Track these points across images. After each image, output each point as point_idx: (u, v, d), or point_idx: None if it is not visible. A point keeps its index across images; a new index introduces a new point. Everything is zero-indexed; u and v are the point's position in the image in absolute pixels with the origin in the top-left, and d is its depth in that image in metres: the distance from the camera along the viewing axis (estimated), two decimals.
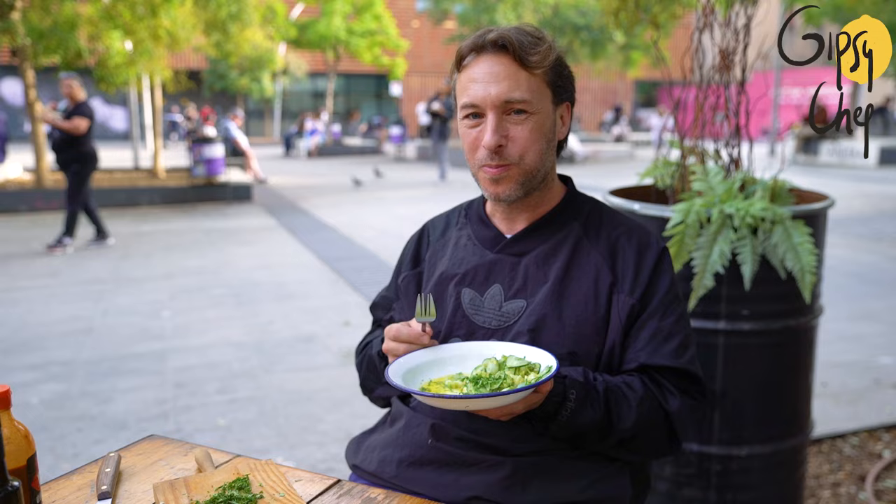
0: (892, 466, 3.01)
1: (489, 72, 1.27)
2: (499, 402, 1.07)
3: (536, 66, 1.27)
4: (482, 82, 1.27)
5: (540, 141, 1.30)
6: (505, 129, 1.27)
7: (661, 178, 2.50)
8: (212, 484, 1.08)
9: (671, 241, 2.11)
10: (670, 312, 1.31)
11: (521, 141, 1.28)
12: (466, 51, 1.31)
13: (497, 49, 1.28)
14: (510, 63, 1.27)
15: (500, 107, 1.27)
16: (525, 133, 1.28)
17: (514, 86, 1.26)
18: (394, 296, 1.51)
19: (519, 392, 1.05)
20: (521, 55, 1.26)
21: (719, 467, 2.26)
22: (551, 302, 1.31)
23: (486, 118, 1.28)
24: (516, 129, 1.28)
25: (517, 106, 1.27)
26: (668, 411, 1.27)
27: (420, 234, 1.52)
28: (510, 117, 1.28)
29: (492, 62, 1.28)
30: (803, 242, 2.05)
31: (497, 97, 1.26)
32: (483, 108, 1.28)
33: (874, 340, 4.58)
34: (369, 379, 1.48)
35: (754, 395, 2.24)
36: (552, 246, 1.36)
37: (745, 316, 2.16)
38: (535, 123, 1.29)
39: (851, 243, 7.85)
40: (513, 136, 1.28)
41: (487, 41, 1.28)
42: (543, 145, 1.31)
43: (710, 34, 2.41)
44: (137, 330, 4.91)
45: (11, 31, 10.62)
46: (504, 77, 1.26)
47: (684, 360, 1.29)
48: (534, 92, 1.28)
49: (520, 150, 1.28)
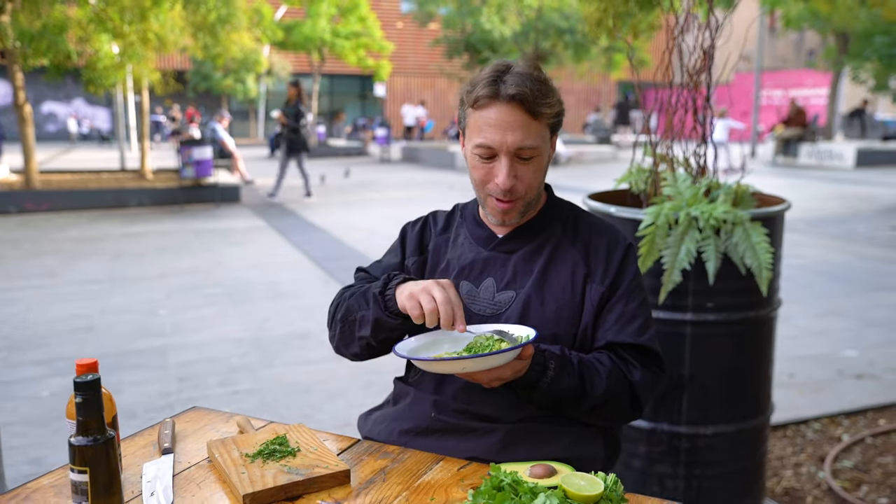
0: (850, 449, 3.27)
1: (505, 120, 1.44)
2: (489, 363, 1.27)
3: (544, 117, 1.46)
4: (498, 128, 1.44)
5: (540, 175, 1.51)
6: (515, 170, 1.47)
7: (636, 184, 2.74)
8: (256, 441, 1.30)
9: (643, 240, 2.34)
10: (633, 298, 1.54)
11: (528, 179, 1.49)
12: (483, 94, 1.45)
13: (512, 99, 1.43)
14: (523, 114, 1.44)
15: (513, 152, 1.46)
16: (531, 172, 1.49)
17: (526, 135, 1.45)
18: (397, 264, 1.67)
19: (506, 352, 1.26)
20: (533, 108, 1.44)
21: (688, 445, 2.50)
22: (536, 292, 1.54)
23: (500, 160, 1.46)
24: (524, 170, 1.48)
25: (526, 153, 1.46)
26: (631, 382, 1.50)
27: (424, 223, 1.71)
28: (519, 161, 1.47)
29: (507, 111, 1.44)
30: (760, 242, 2.29)
31: (512, 145, 1.44)
32: (498, 151, 1.45)
33: (840, 335, 4.85)
34: (361, 304, 1.53)
35: (719, 379, 2.48)
36: (537, 245, 1.59)
37: (709, 308, 2.40)
38: (538, 163, 1.49)
39: (825, 243, 8.15)
40: (521, 176, 1.48)
41: (504, 94, 1.43)
42: (542, 177, 1.53)
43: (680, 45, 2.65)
44: (137, 327, 5.09)
45: (1, 33, 10.73)
46: (518, 127, 1.44)
47: (645, 339, 1.52)
48: (540, 137, 1.48)
49: (526, 187, 1.49)
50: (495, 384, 1.39)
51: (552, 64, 23.12)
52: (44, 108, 31.08)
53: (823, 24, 16.25)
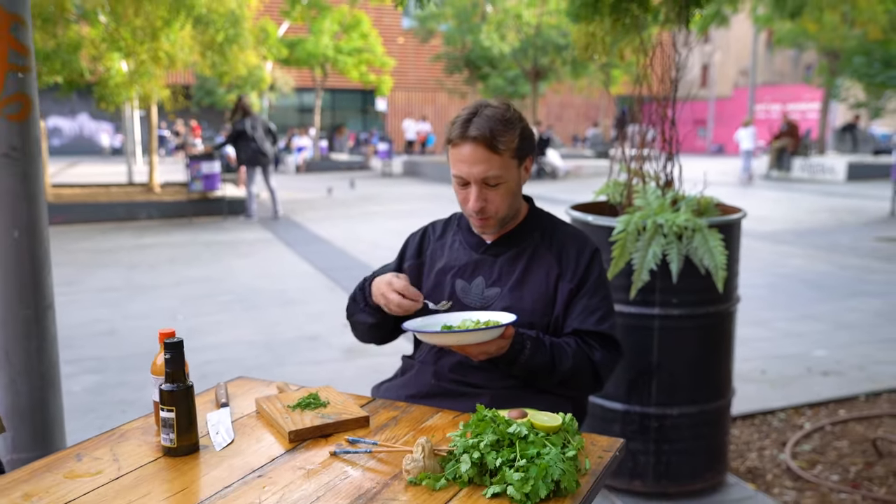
0: (811, 435, 3.61)
1: (471, 156, 1.78)
2: (478, 338, 1.63)
3: (504, 149, 1.79)
4: (466, 163, 1.79)
5: (509, 198, 1.84)
6: (485, 195, 1.81)
7: (613, 196, 3.10)
8: (294, 398, 1.65)
9: (616, 244, 2.71)
10: (596, 294, 1.89)
11: (496, 202, 1.83)
12: (455, 135, 1.80)
13: (476, 138, 1.77)
14: (485, 150, 1.77)
15: (480, 181, 1.80)
16: (498, 197, 1.83)
17: (489, 167, 1.78)
18: (395, 269, 2.05)
19: (492, 330, 1.62)
20: (493, 146, 1.77)
21: (656, 424, 2.85)
22: (517, 289, 1.89)
23: (472, 187, 1.81)
24: (492, 194, 1.82)
25: (491, 181, 1.80)
26: (593, 361, 1.84)
27: (424, 232, 2.07)
28: (488, 187, 1.81)
29: (472, 149, 1.78)
30: (716, 246, 2.65)
31: (477, 175, 1.79)
32: (469, 180, 1.81)
33: (813, 337, 5.20)
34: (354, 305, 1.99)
35: (684, 366, 2.84)
36: (519, 250, 1.94)
37: (674, 303, 2.76)
38: (505, 188, 1.82)
39: (809, 254, 8.51)
40: (490, 199, 1.82)
41: (468, 134, 1.77)
42: (512, 199, 1.85)
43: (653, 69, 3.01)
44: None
45: None
46: (481, 161, 1.78)
47: (605, 327, 1.87)
48: (503, 167, 1.79)
49: (495, 208, 1.83)
50: (482, 357, 1.74)
51: (551, 79, 23.57)
52: (49, 123, 31.56)
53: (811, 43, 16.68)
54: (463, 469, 1.32)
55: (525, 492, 1.26)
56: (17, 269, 2.28)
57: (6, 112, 2.19)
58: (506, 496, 1.28)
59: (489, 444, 1.35)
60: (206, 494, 1.31)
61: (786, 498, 3.00)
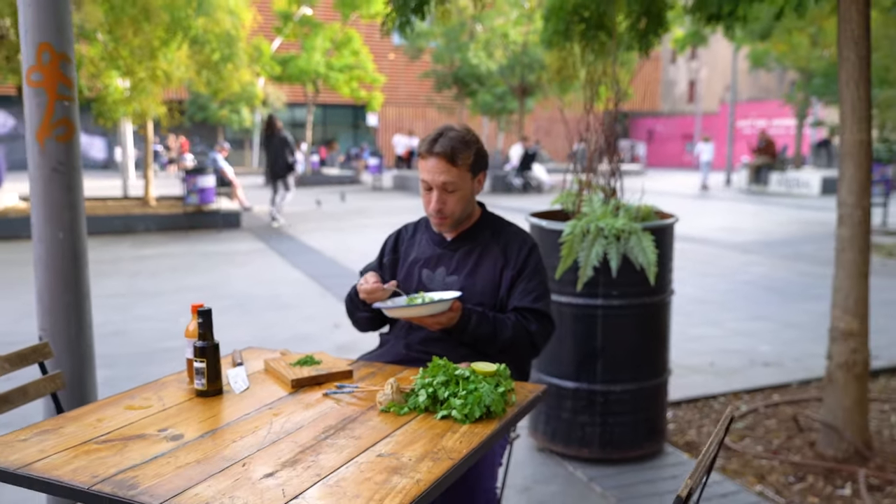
0: (746, 416, 4.10)
1: (435, 167, 2.26)
2: (432, 310, 2.09)
3: (461, 164, 2.27)
4: (430, 172, 2.26)
5: (462, 203, 2.31)
6: (443, 199, 2.28)
7: (566, 204, 3.59)
8: (294, 358, 2.13)
9: (564, 245, 3.19)
10: (533, 279, 2.36)
11: (452, 205, 2.30)
12: (423, 150, 2.28)
13: (439, 154, 2.25)
14: (446, 163, 2.24)
15: (440, 186, 2.26)
16: (454, 201, 2.30)
17: (448, 177, 2.25)
18: (376, 266, 2.54)
19: (438, 303, 2.08)
20: (452, 160, 2.26)
21: (602, 399, 3.33)
22: (471, 277, 2.37)
23: (434, 192, 2.29)
24: (449, 198, 2.29)
25: (449, 187, 2.28)
26: (529, 331, 2.31)
27: (398, 232, 2.54)
28: (446, 192, 2.27)
29: (435, 161, 2.25)
30: (648, 246, 3.15)
31: (438, 182, 2.27)
32: (432, 185, 2.28)
33: (761, 335, 5.70)
34: (351, 305, 2.47)
35: (625, 349, 3.32)
36: (473, 245, 2.42)
37: (615, 295, 3.25)
38: (460, 194, 2.29)
39: (773, 262, 9.04)
40: (447, 202, 2.29)
41: (434, 150, 2.25)
42: (465, 204, 2.32)
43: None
44: (161, 332, 5.89)
45: (19, 70, 11.61)
46: (442, 171, 2.25)
47: (539, 305, 2.34)
48: (459, 177, 2.27)
49: (451, 210, 2.30)
50: (437, 328, 2.21)
51: (537, 96, 24.17)
52: None
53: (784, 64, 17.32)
54: (420, 400, 1.80)
55: (465, 413, 1.74)
56: (60, 265, 2.75)
57: (55, 134, 2.67)
58: (451, 417, 1.75)
59: (440, 382, 1.82)
60: (231, 419, 1.78)
61: (716, 463, 3.48)
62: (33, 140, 2.67)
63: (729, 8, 4.91)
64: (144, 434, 1.68)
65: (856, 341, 3.48)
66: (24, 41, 2.63)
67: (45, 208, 2.71)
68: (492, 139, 34.10)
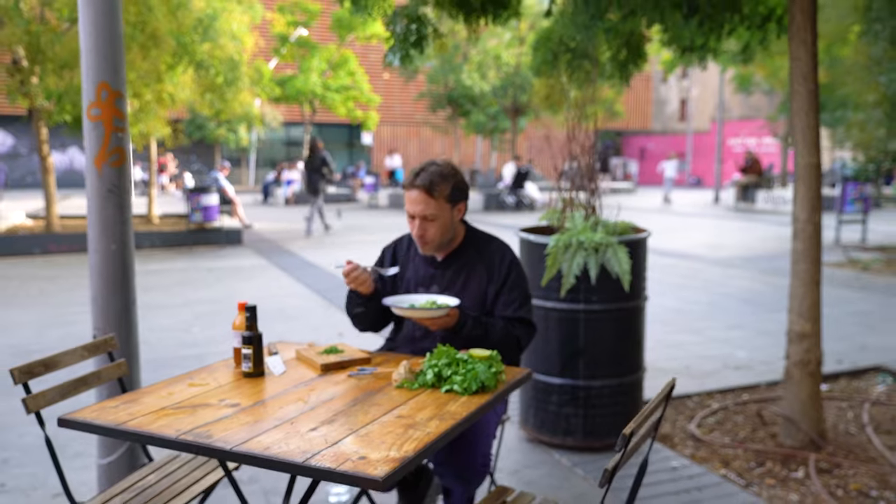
0: (716, 412, 4.52)
1: (416, 199, 2.59)
2: (434, 314, 2.49)
3: (439, 196, 2.62)
4: (411, 203, 2.60)
5: (442, 230, 2.63)
6: (424, 227, 2.61)
7: (552, 221, 4.04)
8: (321, 349, 2.55)
9: (548, 256, 3.63)
10: (514, 290, 2.74)
11: (432, 233, 2.66)
12: (407, 183, 2.63)
13: (420, 186, 2.59)
14: (425, 195, 2.57)
15: (421, 217, 2.59)
16: (433, 229, 2.67)
17: (427, 208, 2.58)
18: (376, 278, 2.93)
19: (439, 310, 2.48)
20: (430, 192, 2.60)
21: (584, 394, 3.76)
22: (461, 294, 2.74)
23: (416, 221, 2.62)
24: (429, 227, 2.65)
25: (429, 217, 2.65)
26: (515, 335, 2.71)
27: (395, 245, 2.91)
28: (426, 221, 2.60)
29: (416, 194, 2.58)
30: (623, 257, 3.58)
31: (419, 213, 2.63)
32: (414, 215, 2.62)
33: (736, 342, 6.14)
34: (348, 302, 2.82)
35: (604, 348, 3.75)
36: (460, 265, 2.80)
37: (594, 300, 3.68)
38: (440, 223, 2.64)
39: (752, 276, 9.50)
40: (428, 229, 2.62)
41: (415, 183, 2.59)
42: (444, 230, 2.66)
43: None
44: (176, 341, 6.30)
45: (31, 94, 12.07)
46: (422, 202, 2.58)
47: (521, 312, 2.73)
48: (438, 208, 2.58)
49: (431, 237, 2.66)
50: (436, 328, 2.61)
51: (529, 116, 24.74)
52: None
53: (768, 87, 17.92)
54: (428, 377, 2.23)
55: (464, 387, 2.17)
56: (112, 273, 3.17)
57: (110, 161, 3.09)
58: (453, 391, 2.18)
59: (444, 363, 2.25)
60: (276, 392, 2.20)
61: (685, 452, 3.90)
62: (91, 165, 3.10)
63: (701, 41, 5.39)
64: (208, 403, 2.10)
65: (809, 342, 3.91)
66: (86, 81, 3.07)
67: (100, 223, 3.13)
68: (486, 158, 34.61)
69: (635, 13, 4.61)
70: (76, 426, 1.97)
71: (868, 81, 8.52)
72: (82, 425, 1.96)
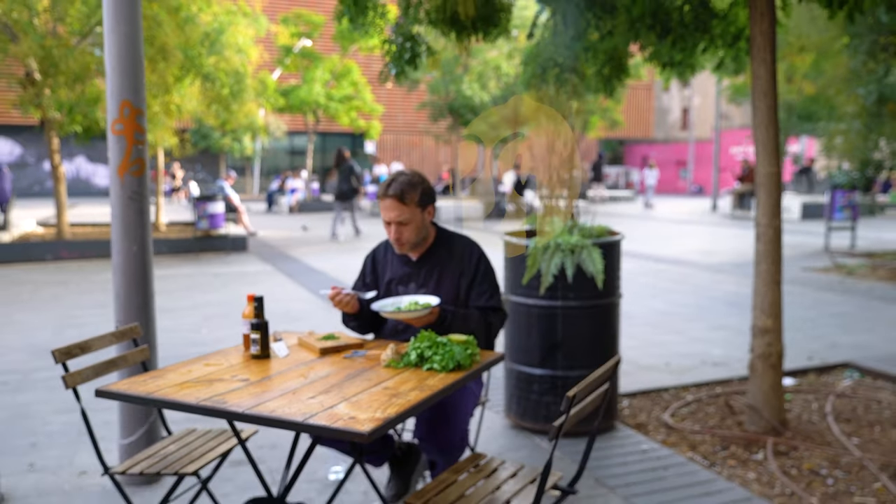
0: (690, 404, 4.85)
1: (389, 206, 2.89)
2: (417, 315, 2.83)
3: (409, 202, 2.96)
4: (386, 210, 2.90)
5: (415, 231, 2.98)
6: (400, 231, 2.91)
7: (535, 225, 4.38)
8: (320, 335, 2.90)
9: (529, 256, 3.98)
10: (483, 282, 3.06)
11: (407, 235, 2.98)
12: (380, 193, 2.95)
13: (392, 195, 2.90)
14: (397, 202, 2.87)
15: (395, 222, 2.90)
16: (408, 231, 2.99)
17: (399, 214, 2.88)
18: (360, 283, 3.25)
19: (425, 310, 2.82)
20: (402, 199, 2.95)
21: (563, 383, 4.09)
22: (436, 290, 3.07)
23: (392, 226, 2.92)
24: (404, 230, 2.97)
25: (403, 222, 2.97)
26: (489, 322, 3.03)
27: (374, 254, 3.24)
28: (401, 225, 2.90)
29: (389, 202, 2.89)
30: (597, 258, 3.92)
31: (393, 218, 2.95)
32: (389, 221, 2.92)
33: (716, 341, 6.47)
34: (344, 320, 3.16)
35: (581, 341, 4.09)
36: (433, 263, 3.12)
37: (571, 297, 4.02)
38: (413, 226, 2.97)
39: (739, 281, 9.83)
40: (403, 232, 2.93)
41: (388, 193, 2.90)
42: (417, 232, 2.99)
43: None
44: (187, 340, 6.65)
45: (43, 105, 12.48)
46: (395, 209, 2.90)
47: (492, 302, 3.06)
48: (410, 213, 2.89)
49: (406, 238, 2.98)
50: (420, 325, 2.94)
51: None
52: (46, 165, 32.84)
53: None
54: (412, 358, 2.58)
55: (443, 365, 2.51)
56: (133, 273, 3.52)
57: (132, 170, 3.45)
58: (433, 369, 2.52)
59: (426, 346, 2.60)
60: (279, 370, 2.55)
61: (657, 438, 4.24)
62: (115, 175, 3.46)
63: (679, 58, 5.75)
64: (222, 378, 2.45)
65: (771, 336, 4.25)
66: (110, 99, 3.43)
67: (122, 227, 3.49)
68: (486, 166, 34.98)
69: (612, 34, 4.96)
70: (111, 396, 2.32)
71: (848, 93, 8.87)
72: (117, 395, 2.31)
